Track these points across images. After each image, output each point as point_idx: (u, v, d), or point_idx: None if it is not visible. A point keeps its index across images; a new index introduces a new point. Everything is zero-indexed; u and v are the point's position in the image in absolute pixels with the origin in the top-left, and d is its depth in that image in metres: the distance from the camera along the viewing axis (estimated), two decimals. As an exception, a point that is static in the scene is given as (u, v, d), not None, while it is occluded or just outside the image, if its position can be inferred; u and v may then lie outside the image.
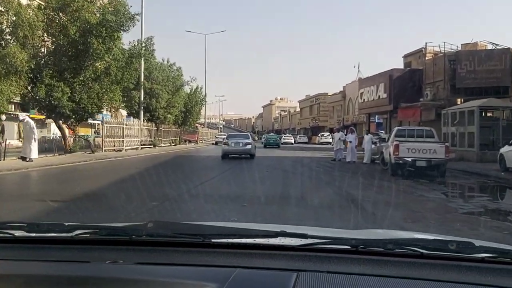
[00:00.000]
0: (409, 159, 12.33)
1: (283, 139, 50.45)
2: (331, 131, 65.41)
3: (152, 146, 28.53)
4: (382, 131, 52.31)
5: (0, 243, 1.57)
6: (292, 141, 52.63)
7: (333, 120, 70.54)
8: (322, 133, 60.82)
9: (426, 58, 35.49)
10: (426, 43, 35.48)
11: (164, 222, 1.68)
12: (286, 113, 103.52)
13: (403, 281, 1.22)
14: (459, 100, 32.76)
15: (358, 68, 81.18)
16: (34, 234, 1.56)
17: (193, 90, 36.77)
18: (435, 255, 1.38)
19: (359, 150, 20.65)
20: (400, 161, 12.53)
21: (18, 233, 1.55)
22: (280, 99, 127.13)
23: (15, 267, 1.38)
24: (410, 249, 1.40)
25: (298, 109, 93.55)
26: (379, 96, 37.07)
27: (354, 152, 19.24)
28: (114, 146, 23.17)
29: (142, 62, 27.21)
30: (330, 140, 55.08)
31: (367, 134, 19.36)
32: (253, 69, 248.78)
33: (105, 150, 21.84)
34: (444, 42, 34.03)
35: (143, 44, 20.61)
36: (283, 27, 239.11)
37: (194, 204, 7.53)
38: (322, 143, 55.06)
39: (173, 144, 34.23)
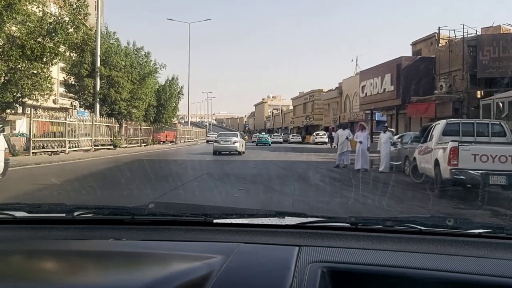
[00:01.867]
0: (478, 173, 7.16)
1: (272, 138, 52.77)
2: (327, 130, 60.92)
3: (112, 147, 23.23)
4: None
5: (1, 224, 1.56)
6: (281, 140, 55.30)
7: (329, 118, 66.29)
8: (317, 132, 56.10)
9: (440, 45, 30.52)
10: (439, 27, 30.50)
11: (166, 203, 1.91)
12: (278, 111, 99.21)
13: (402, 254, 1.26)
14: (478, 92, 27.90)
15: (356, 62, 76.65)
16: (35, 215, 1.58)
17: (167, 82, 31.46)
18: (433, 231, 1.41)
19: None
20: (462, 176, 7.34)
21: (18, 214, 1.55)
22: (273, 97, 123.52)
23: (15, 246, 1.37)
24: (409, 225, 1.45)
25: (291, 107, 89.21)
26: (384, 89, 32.02)
27: (366, 157, 14.10)
28: (53, 147, 17.83)
29: (99, 43, 21.88)
30: (326, 140, 50.41)
31: (384, 131, 14.17)
32: (246, 67, 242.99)
33: (36, 153, 16.54)
34: (463, 25, 28.91)
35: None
36: (276, 23, 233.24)
37: None
38: (317, 143, 50.40)
39: (144, 145, 28.94)
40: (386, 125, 17.57)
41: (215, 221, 1.49)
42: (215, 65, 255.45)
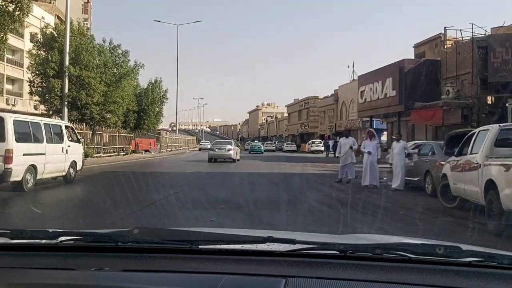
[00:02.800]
0: None
1: (265, 146, 53.33)
2: (322, 138, 58.58)
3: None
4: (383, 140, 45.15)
5: None
6: (274, 148, 55.71)
7: (324, 126, 64.18)
8: (313, 140, 53.64)
9: (446, 46, 28.23)
10: (445, 27, 28.21)
11: (151, 229, 1.70)
12: (272, 119, 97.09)
13: (391, 286, 1.25)
14: (489, 98, 25.60)
15: (353, 67, 73.94)
16: (17, 241, 1.55)
17: (150, 85, 28.73)
18: (423, 260, 1.40)
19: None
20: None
21: (0, 240, 1.53)
22: (267, 104, 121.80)
23: None
24: (398, 253, 1.42)
25: (285, 115, 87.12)
26: (385, 94, 29.60)
27: (375, 171, 11.57)
28: None
29: (67, 39, 19.25)
30: (322, 149, 47.92)
31: (397, 140, 11.60)
32: (239, 73, 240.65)
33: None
34: (472, 24, 26.64)
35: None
36: (270, 29, 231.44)
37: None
38: (312, 152, 47.86)
39: (123, 154, 26.21)
40: (398, 132, 14.98)
41: (200, 247, 1.46)
42: (207, 71, 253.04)
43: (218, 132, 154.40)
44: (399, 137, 11.66)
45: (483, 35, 25.68)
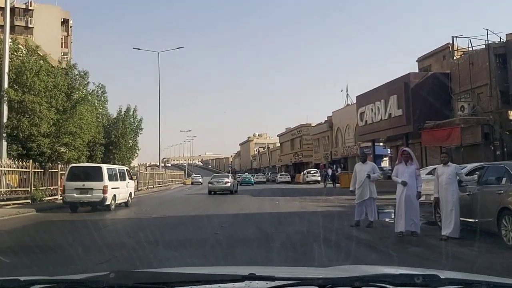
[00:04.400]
0: None
1: (256, 178, 54.38)
2: (317, 167, 54.84)
3: (28, 201, 16.42)
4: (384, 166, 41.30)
5: None
6: (264, 180, 56.23)
7: (319, 154, 60.92)
8: (308, 170, 49.82)
9: (455, 57, 25.01)
10: (453, 36, 25.08)
11: (127, 272, 1.70)
12: (265, 150, 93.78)
13: None
14: (511, 112, 22.15)
15: (347, 91, 71.17)
16: None
17: (120, 114, 24.81)
18: None
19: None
20: None
21: None
22: (259, 135, 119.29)
23: None
24: (377, 285, 1.40)
25: (278, 145, 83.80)
26: (389, 114, 26.05)
27: (416, 210, 7.73)
28: None
29: (7, 51, 15.56)
30: (319, 179, 44.00)
31: (445, 162, 7.69)
32: (229, 106, 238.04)
33: None
34: (487, 29, 23.45)
35: None
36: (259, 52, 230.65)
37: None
38: (308, 182, 43.87)
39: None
40: (446, 152, 11.07)
41: None
42: (198, 105, 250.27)
43: (210, 166, 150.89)
44: (447, 158, 7.76)
45: (498, 42, 22.50)
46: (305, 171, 48.70)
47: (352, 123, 50.85)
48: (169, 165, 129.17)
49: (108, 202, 14.86)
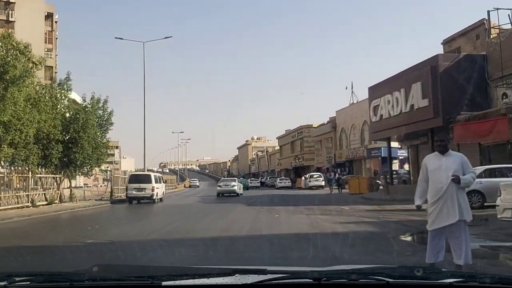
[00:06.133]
0: None
1: (250, 182, 53.51)
2: (319, 170, 50.44)
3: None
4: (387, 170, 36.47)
5: None
6: (258, 184, 56.18)
7: (321, 157, 56.66)
8: (311, 173, 45.20)
9: (492, 36, 20.67)
10: (489, 11, 20.72)
11: (111, 266, 1.69)
12: (263, 153, 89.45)
13: None
14: None
15: (352, 89, 67.01)
16: None
17: (82, 105, 20.15)
18: (402, 283, 1.33)
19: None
20: None
21: None
22: (257, 138, 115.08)
23: None
24: (375, 278, 1.35)
25: (277, 148, 79.42)
26: (411, 105, 21.62)
27: None
28: None
29: None
30: (323, 183, 39.47)
31: None
32: (226, 110, 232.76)
33: None
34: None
35: None
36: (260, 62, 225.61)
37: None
38: (311, 187, 39.21)
39: (43, 204, 17.48)
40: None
41: (163, 283, 1.36)
42: (196, 109, 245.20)
43: (207, 171, 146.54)
44: None
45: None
46: (307, 175, 44.08)
47: (358, 122, 46.48)
48: (167, 170, 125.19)
49: (154, 197, 22.03)
